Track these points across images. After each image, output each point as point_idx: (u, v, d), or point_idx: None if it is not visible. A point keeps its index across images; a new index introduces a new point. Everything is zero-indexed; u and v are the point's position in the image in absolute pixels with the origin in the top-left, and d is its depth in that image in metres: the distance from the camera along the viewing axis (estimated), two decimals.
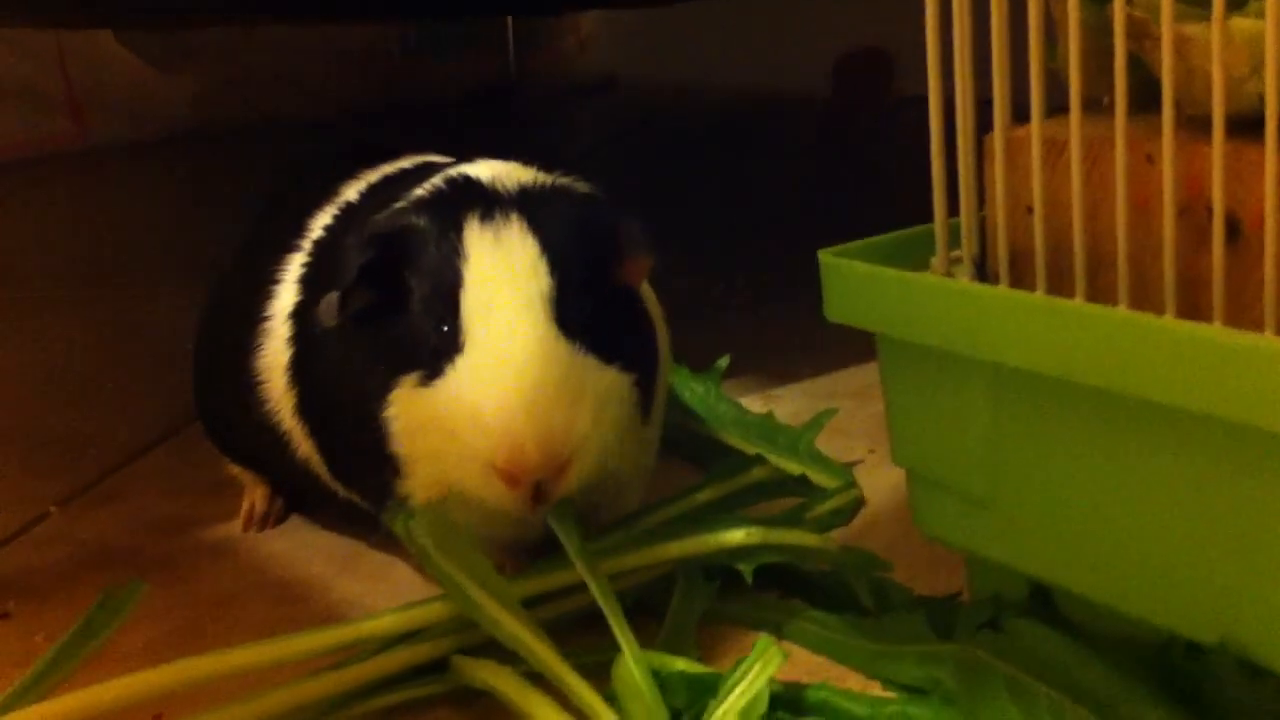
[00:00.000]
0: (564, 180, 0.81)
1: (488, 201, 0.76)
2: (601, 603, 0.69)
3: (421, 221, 0.76)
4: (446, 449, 0.71)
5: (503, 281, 0.72)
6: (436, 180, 0.80)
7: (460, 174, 0.80)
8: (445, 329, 0.73)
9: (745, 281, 1.59)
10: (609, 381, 0.73)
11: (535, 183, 0.79)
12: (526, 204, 0.76)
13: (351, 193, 0.90)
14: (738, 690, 0.64)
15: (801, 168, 2.54)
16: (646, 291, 0.85)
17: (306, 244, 0.88)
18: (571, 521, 0.73)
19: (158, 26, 3.14)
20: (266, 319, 0.87)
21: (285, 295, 0.87)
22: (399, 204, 0.79)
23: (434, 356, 0.73)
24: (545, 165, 0.84)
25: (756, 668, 0.65)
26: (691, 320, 1.35)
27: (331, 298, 0.75)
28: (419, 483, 0.75)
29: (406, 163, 0.93)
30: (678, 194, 2.25)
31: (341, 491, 0.87)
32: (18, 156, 3.12)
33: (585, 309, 0.74)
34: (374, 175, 0.91)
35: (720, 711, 0.63)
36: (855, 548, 0.79)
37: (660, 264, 0.79)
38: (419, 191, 0.79)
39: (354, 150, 0.98)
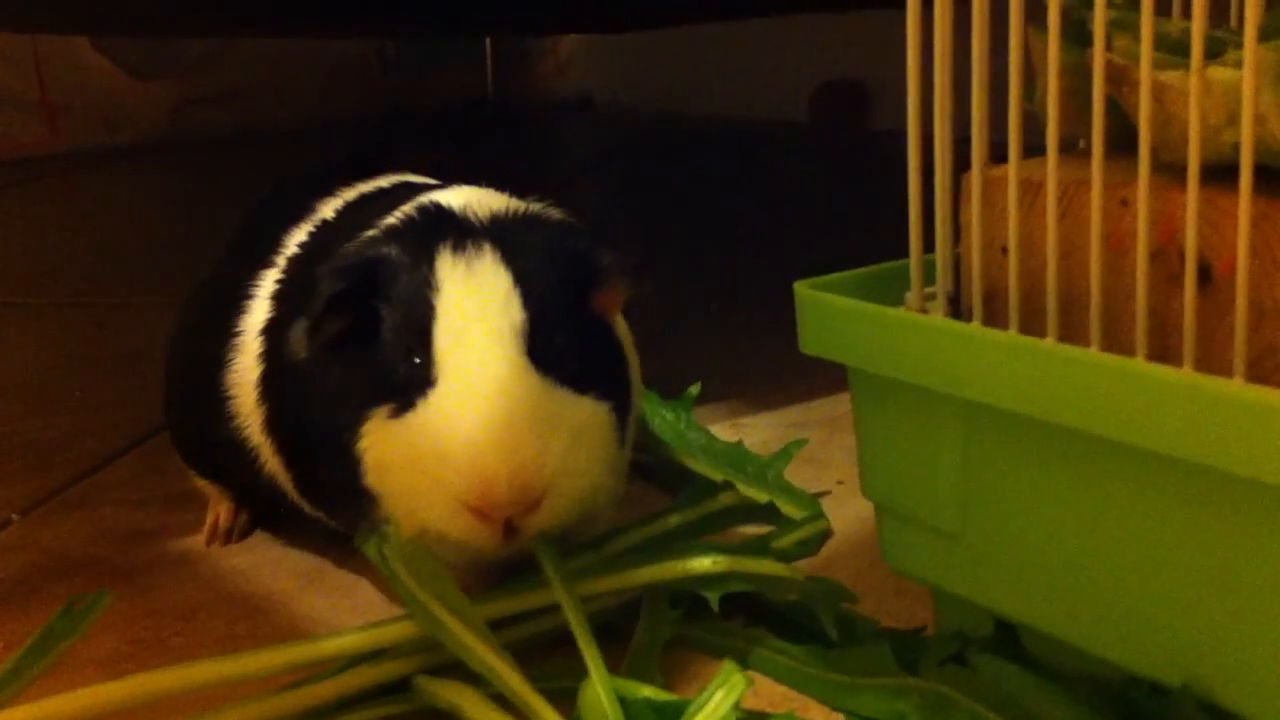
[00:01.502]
0: (537, 207, 0.81)
1: (460, 231, 0.75)
2: (574, 627, 0.69)
3: (393, 251, 0.75)
4: (417, 484, 0.71)
5: (474, 313, 0.72)
6: (408, 208, 0.79)
7: (432, 202, 0.79)
8: (417, 361, 0.72)
9: (718, 307, 1.60)
10: (585, 412, 0.73)
11: (508, 211, 0.78)
12: (499, 233, 0.75)
13: (328, 210, 0.90)
14: (701, 715, 0.64)
15: (778, 194, 2.55)
16: (617, 318, 0.85)
17: (280, 260, 0.88)
18: (552, 544, 0.73)
19: (136, 34, 3.13)
20: (238, 334, 0.87)
21: (257, 311, 0.86)
22: (370, 232, 0.79)
23: (405, 389, 0.72)
24: (519, 190, 0.84)
25: (720, 693, 0.65)
26: (662, 346, 1.36)
27: (300, 327, 0.74)
28: (395, 516, 0.73)
29: (384, 182, 0.93)
30: (651, 218, 2.26)
31: (308, 508, 0.87)
32: None
33: (559, 340, 0.73)
34: (351, 193, 0.91)
35: None
36: (821, 578, 0.80)
37: (641, 289, 0.79)
38: (390, 220, 0.79)
39: (334, 166, 0.98)
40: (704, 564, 0.76)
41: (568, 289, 0.76)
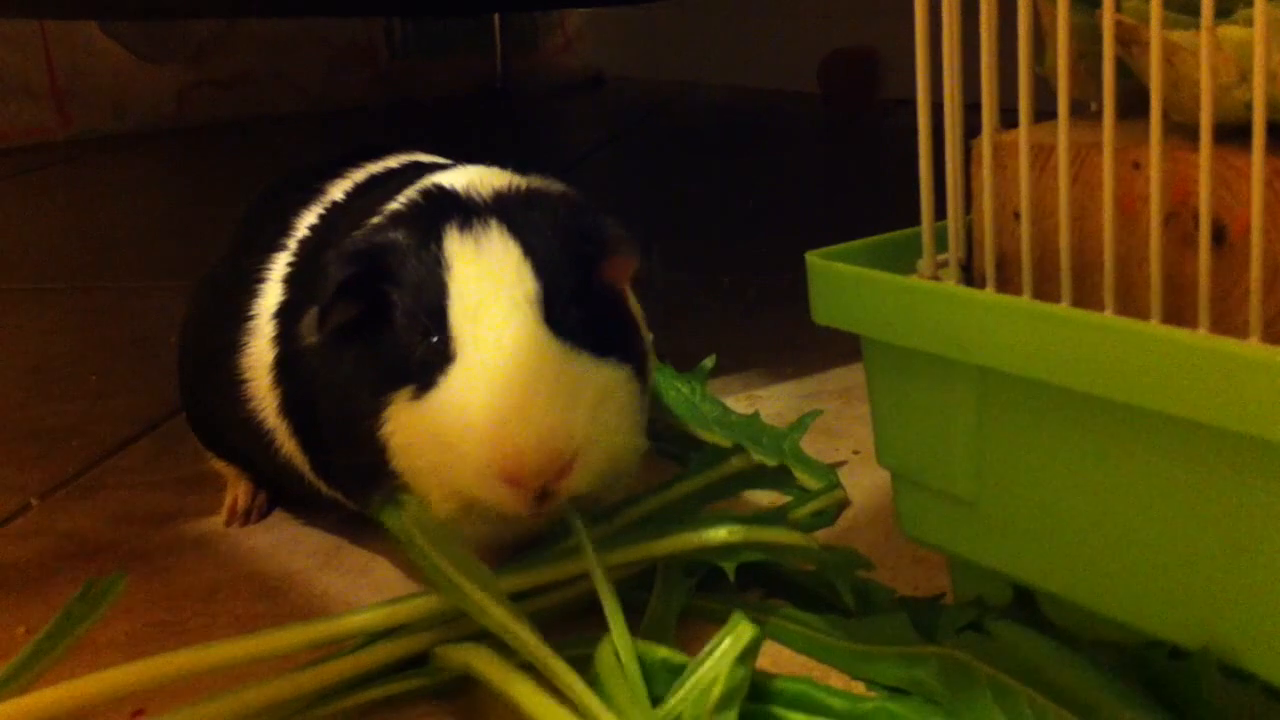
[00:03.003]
0: (539, 183, 0.81)
1: (464, 210, 0.75)
2: (600, 590, 0.69)
3: (399, 235, 0.75)
4: (447, 459, 0.71)
5: (488, 287, 0.72)
6: (410, 192, 0.79)
7: (434, 184, 0.79)
8: (434, 340, 0.72)
9: (730, 280, 1.59)
10: (607, 375, 0.73)
11: (510, 188, 0.78)
12: (503, 210, 0.75)
13: (338, 192, 0.90)
14: (709, 663, 0.64)
15: (790, 165, 2.54)
16: (627, 292, 0.85)
17: (292, 243, 0.88)
18: (580, 511, 0.73)
19: (144, 18, 3.13)
20: (252, 317, 0.87)
21: (271, 294, 0.87)
22: (375, 219, 0.79)
23: (425, 368, 0.72)
24: (525, 169, 0.84)
25: (728, 641, 0.65)
26: (677, 319, 1.36)
27: (311, 314, 0.75)
28: (428, 496, 0.73)
29: (393, 162, 0.93)
30: (664, 192, 2.26)
31: (325, 490, 0.87)
32: (0, 146, 3.11)
33: (573, 309, 0.73)
34: (360, 175, 0.91)
35: (695, 679, 0.64)
36: (838, 546, 0.80)
37: (645, 264, 0.79)
38: (394, 205, 0.79)
39: (349, 150, 0.98)
40: (720, 534, 0.76)
41: (576, 260, 0.76)
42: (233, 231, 1.02)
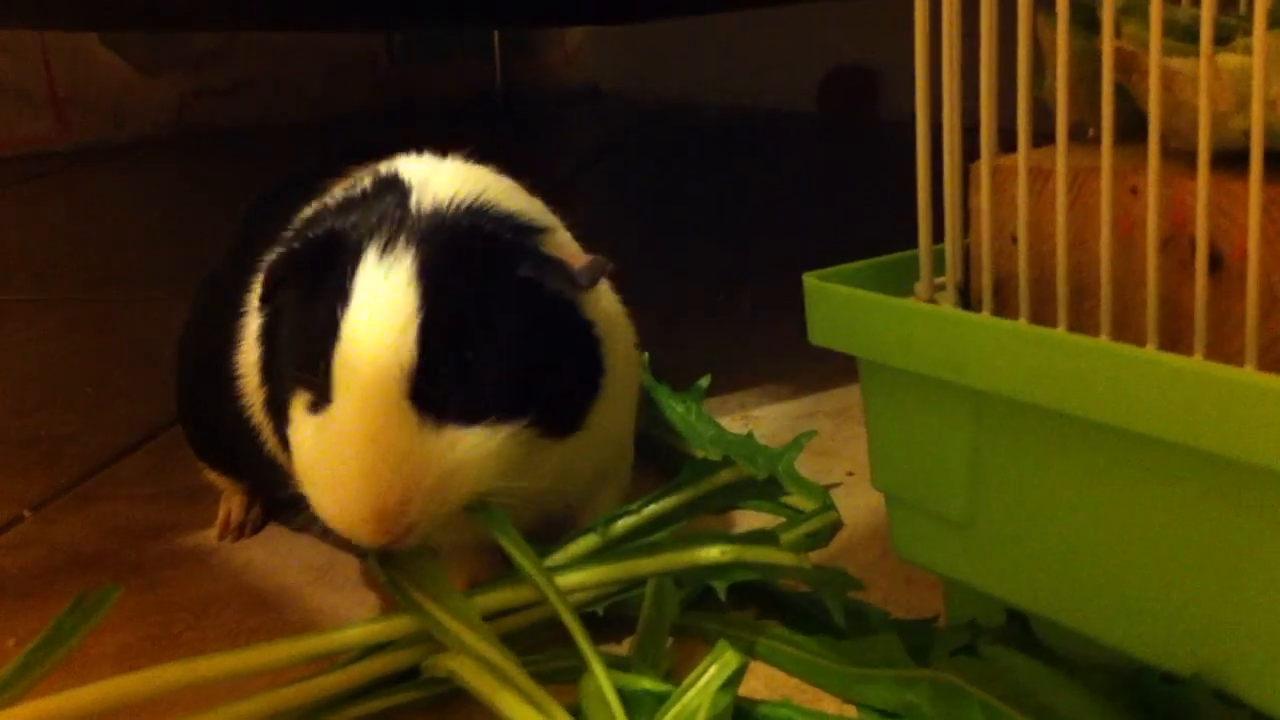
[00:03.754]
0: (490, 197, 0.79)
1: (395, 225, 0.74)
2: (564, 618, 0.69)
3: (330, 235, 0.76)
4: (312, 488, 0.73)
5: (368, 348, 0.71)
6: (367, 179, 0.80)
7: (394, 175, 0.79)
8: (323, 366, 0.73)
9: (726, 298, 1.59)
10: (468, 444, 0.72)
11: (453, 205, 0.76)
12: (431, 236, 0.74)
13: (339, 191, 0.90)
14: (693, 691, 0.64)
15: (786, 183, 2.54)
16: (609, 295, 0.85)
17: (287, 238, 0.88)
18: (515, 534, 0.73)
19: (143, 29, 3.13)
20: (245, 313, 0.87)
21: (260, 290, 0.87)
22: (330, 199, 0.80)
23: (316, 390, 0.73)
24: (503, 165, 0.84)
25: (713, 670, 0.65)
26: (672, 336, 1.36)
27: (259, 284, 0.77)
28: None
29: (398, 164, 0.92)
30: (659, 208, 2.26)
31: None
32: (1, 154, 3.11)
33: (455, 371, 0.72)
34: (361, 171, 0.91)
35: (679, 708, 0.64)
36: (830, 566, 0.80)
37: (620, 268, 0.80)
38: (339, 190, 0.80)
39: (353, 149, 0.98)
40: (712, 553, 0.76)
41: (499, 287, 0.75)
42: (233, 233, 1.02)
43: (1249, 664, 0.56)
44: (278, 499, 0.96)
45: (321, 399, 0.72)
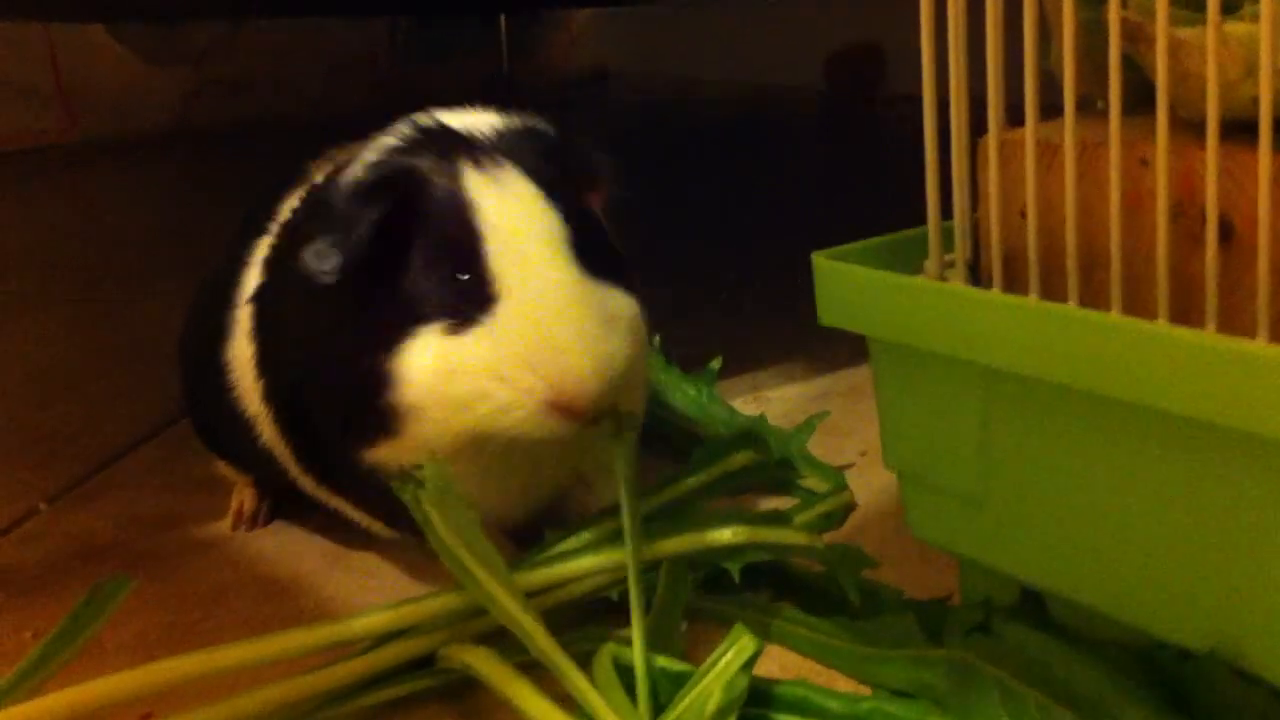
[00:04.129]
0: (531, 120, 0.82)
1: (472, 148, 0.76)
2: (633, 597, 0.69)
3: (417, 165, 0.75)
4: (489, 392, 0.72)
5: (523, 229, 0.73)
6: (404, 128, 0.79)
7: (432, 121, 0.79)
8: (466, 278, 0.73)
9: (737, 280, 1.59)
10: (627, 305, 0.76)
11: (508, 126, 0.79)
12: (510, 148, 0.77)
13: (319, 174, 0.90)
14: (710, 676, 0.64)
15: (795, 163, 2.54)
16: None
17: (274, 227, 0.88)
18: (631, 451, 0.74)
19: (150, 21, 3.13)
20: (236, 305, 0.87)
21: (252, 281, 0.87)
22: (371, 152, 0.78)
23: (460, 306, 0.73)
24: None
25: (731, 654, 0.65)
26: (683, 319, 1.36)
27: (321, 249, 0.73)
28: (427, 432, 0.74)
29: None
30: (668, 190, 2.25)
31: (309, 486, 0.87)
32: (6, 149, 3.11)
33: (590, 242, 0.76)
34: (343, 154, 0.91)
35: (696, 693, 0.64)
36: (843, 544, 0.79)
37: (617, 192, 0.82)
38: (389, 140, 0.78)
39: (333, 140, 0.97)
40: (724, 535, 0.76)
41: (575, 194, 0.78)
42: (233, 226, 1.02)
43: (1265, 640, 0.56)
44: (279, 489, 0.96)
45: (476, 307, 0.72)
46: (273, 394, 0.84)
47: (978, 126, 0.64)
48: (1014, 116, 0.62)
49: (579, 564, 0.76)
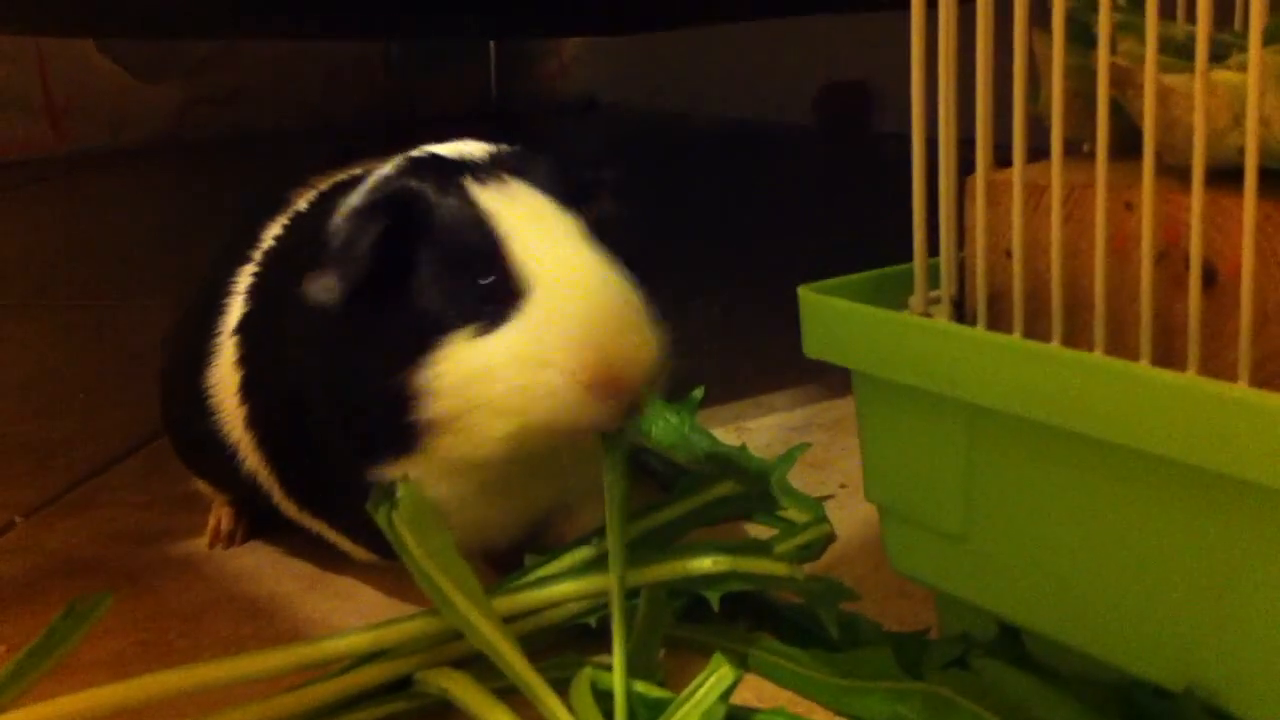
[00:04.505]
0: (523, 148, 0.82)
1: (469, 168, 0.76)
2: (615, 620, 0.69)
3: (418, 185, 0.75)
4: (531, 382, 0.71)
5: (537, 224, 0.73)
6: (398, 160, 0.79)
7: (423, 151, 0.80)
8: (489, 280, 0.72)
9: (720, 310, 1.59)
10: (641, 295, 0.75)
11: (499, 150, 0.80)
12: (505, 165, 0.77)
13: (301, 202, 0.90)
14: (688, 705, 0.64)
15: (782, 196, 2.55)
16: None
17: (257, 255, 0.88)
18: (624, 460, 0.74)
19: (140, 36, 3.13)
20: (219, 334, 0.87)
21: (235, 309, 0.87)
22: (369, 181, 0.78)
23: (486, 308, 0.72)
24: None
25: (710, 684, 0.65)
26: (667, 346, 1.35)
27: (326, 278, 0.73)
28: (478, 431, 0.73)
29: (358, 169, 0.93)
30: (654, 220, 2.26)
31: (292, 511, 0.87)
32: None
33: (602, 239, 0.76)
34: (324, 183, 0.91)
35: None
36: (823, 576, 0.79)
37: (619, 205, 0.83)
38: (383, 170, 0.78)
39: (314, 167, 0.97)
40: (704, 564, 0.76)
41: (580, 207, 0.78)
42: (215, 249, 1.02)
43: (1242, 679, 0.56)
44: (258, 510, 0.96)
45: (504, 304, 0.72)
46: (257, 420, 0.84)
47: (966, 166, 0.64)
48: (1001, 157, 0.63)
49: (557, 589, 0.76)
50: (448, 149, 0.80)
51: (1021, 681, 0.64)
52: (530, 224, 0.73)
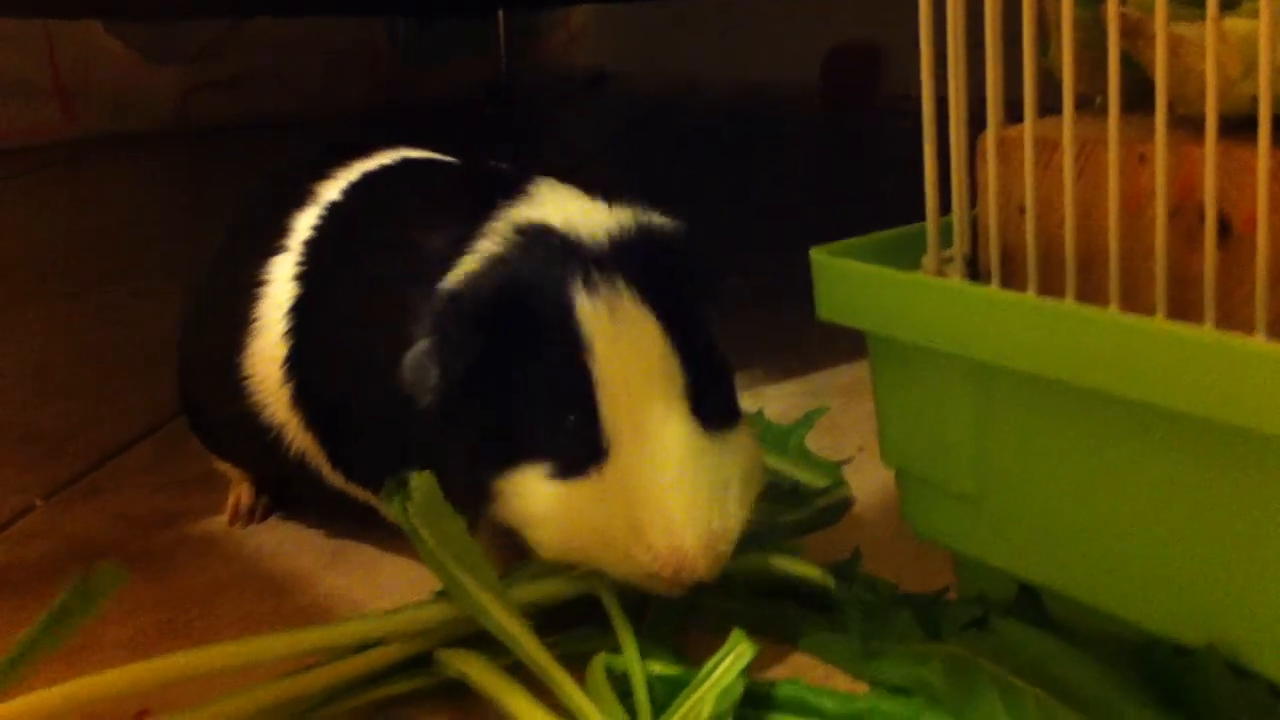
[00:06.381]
0: (644, 217, 0.77)
1: (584, 262, 0.71)
2: (615, 619, 0.69)
3: (529, 288, 0.71)
4: (600, 547, 0.69)
5: (638, 376, 0.69)
6: (505, 230, 0.74)
7: (535, 222, 0.75)
8: (574, 419, 0.69)
9: (735, 277, 1.59)
10: (745, 453, 0.72)
11: (621, 231, 0.74)
12: (625, 263, 0.72)
13: (332, 192, 0.89)
14: (708, 684, 0.64)
15: (793, 162, 2.54)
16: None
17: (294, 244, 0.88)
18: None
19: (148, 18, 3.13)
20: (255, 319, 0.87)
21: (278, 294, 0.87)
22: (474, 265, 0.73)
23: (569, 452, 0.69)
24: (606, 190, 0.80)
25: (728, 660, 0.65)
26: None
27: (426, 367, 0.70)
28: (528, 542, 0.72)
29: (385, 159, 0.92)
30: (666, 189, 2.25)
31: (338, 482, 0.87)
32: (4, 146, 3.11)
33: (709, 384, 0.71)
34: (353, 174, 0.91)
35: (691, 702, 0.64)
36: (850, 568, 0.79)
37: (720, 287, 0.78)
38: (489, 245, 0.74)
39: (322, 150, 0.97)
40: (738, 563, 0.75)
41: (692, 307, 0.74)
42: (220, 237, 1.01)
43: (1262, 635, 0.56)
44: (292, 494, 0.97)
45: (586, 456, 0.69)
46: (306, 399, 0.84)
47: (976, 123, 0.63)
48: (1013, 113, 0.62)
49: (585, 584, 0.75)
50: (560, 216, 0.74)
51: (1041, 641, 0.63)
52: (625, 366, 0.69)
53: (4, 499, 1.05)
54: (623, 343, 0.69)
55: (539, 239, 0.73)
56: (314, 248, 0.87)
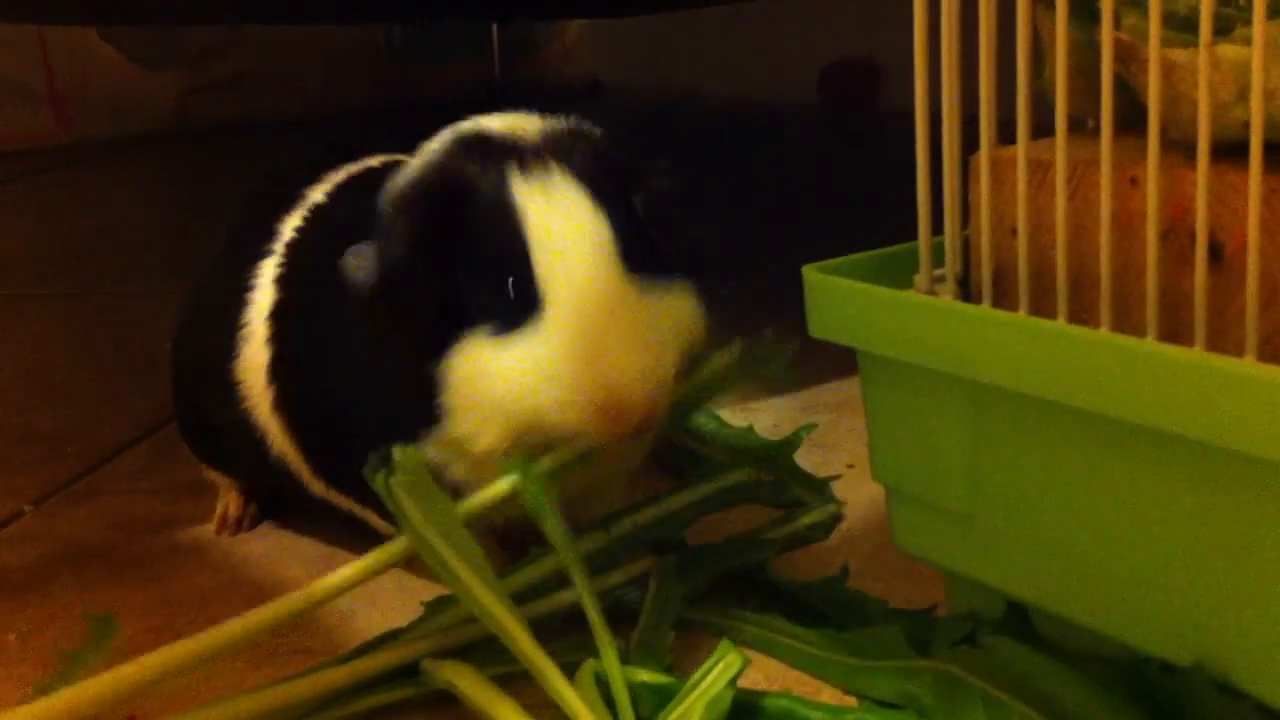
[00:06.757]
0: (575, 122, 0.81)
1: (518, 152, 0.75)
2: (592, 619, 0.69)
3: (462, 174, 0.75)
4: (536, 390, 0.71)
5: (569, 235, 0.73)
6: (447, 136, 0.79)
7: (473, 127, 0.79)
8: (513, 283, 0.73)
9: (725, 291, 1.59)
10: (679, 307, 0.76)
11: (553, 127, 0.79)
12: (556, 151, 0.76)
13: (318, 194, 0.90)
14: (695, 693, 0.64)
15: (787, 176, 2.54)
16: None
17: (278, 248, 0.88)
18: (557, 515, 0.73)
19: (142, 23, 3.13)
20: (244, 325, 0.88)
21: (262, 300, 0.87)
22: (418, 161, 0.78)
23: (507, 310, 0.73)
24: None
25: (716, 670, 0.65)
26: None
27: (365, 257, 0.74)
28: (484, 427, 0.74)
29: (374, 162, 0.93)
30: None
31: (317, 489, 0.87)
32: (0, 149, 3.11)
33: (634, 243, 0.75)
34: (339, 176, 0.91)
35: (679, 712, 0.64)
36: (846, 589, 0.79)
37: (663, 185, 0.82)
38: (433, 145, 0.79)
39: (317, 154, 0.98)
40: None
41: (624, 193, 0.78)
42: (217, 241, 1.01)
43: (1250, 655, 0.56)
44: (281, 503, 0.97)
45: (522, 310, 0.72)
46: (287, 402, 0.85)
47: (970, 144, 0.64)
48: (1006, 134, 0.63)
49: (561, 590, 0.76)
50: (499, 123, 0.79)
51: (1030, 659, 0.63)
52: (559, 230, 0.73)
53: (2, 501, 1.05)
54: (555, 211, 0.73)
55: (476, 139, 0.78)
56: (294, 251, 0.87)
